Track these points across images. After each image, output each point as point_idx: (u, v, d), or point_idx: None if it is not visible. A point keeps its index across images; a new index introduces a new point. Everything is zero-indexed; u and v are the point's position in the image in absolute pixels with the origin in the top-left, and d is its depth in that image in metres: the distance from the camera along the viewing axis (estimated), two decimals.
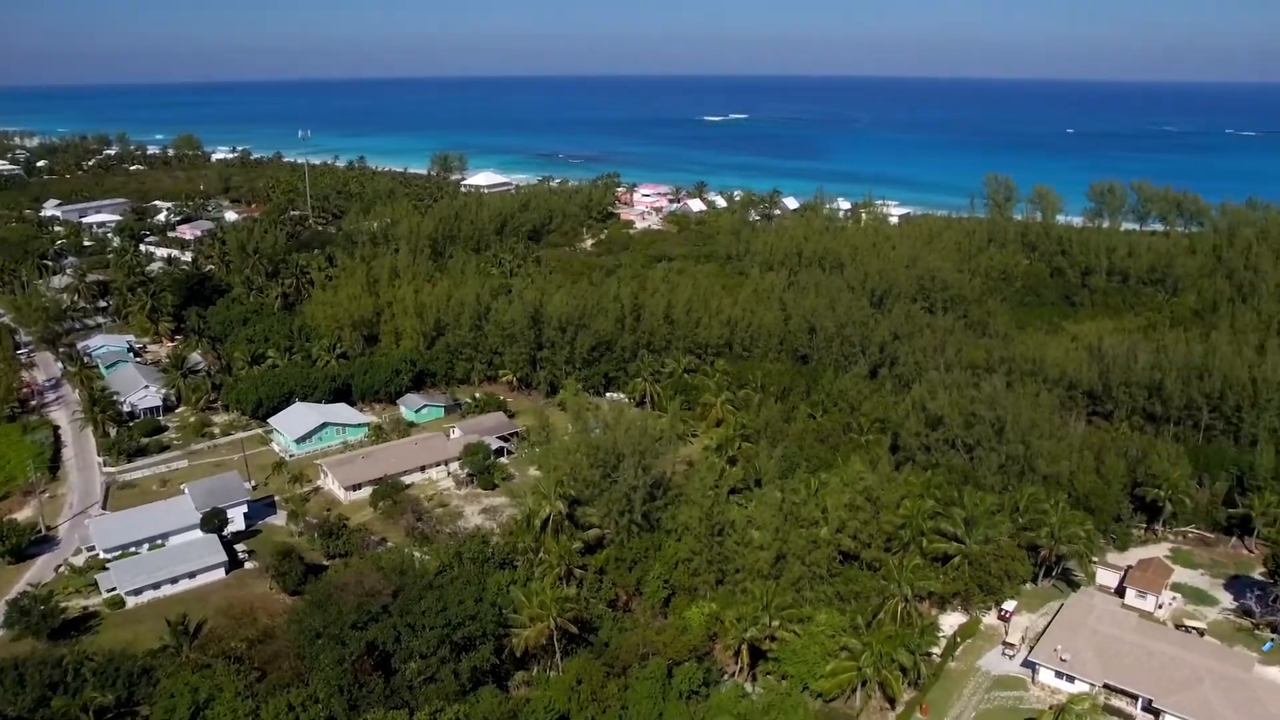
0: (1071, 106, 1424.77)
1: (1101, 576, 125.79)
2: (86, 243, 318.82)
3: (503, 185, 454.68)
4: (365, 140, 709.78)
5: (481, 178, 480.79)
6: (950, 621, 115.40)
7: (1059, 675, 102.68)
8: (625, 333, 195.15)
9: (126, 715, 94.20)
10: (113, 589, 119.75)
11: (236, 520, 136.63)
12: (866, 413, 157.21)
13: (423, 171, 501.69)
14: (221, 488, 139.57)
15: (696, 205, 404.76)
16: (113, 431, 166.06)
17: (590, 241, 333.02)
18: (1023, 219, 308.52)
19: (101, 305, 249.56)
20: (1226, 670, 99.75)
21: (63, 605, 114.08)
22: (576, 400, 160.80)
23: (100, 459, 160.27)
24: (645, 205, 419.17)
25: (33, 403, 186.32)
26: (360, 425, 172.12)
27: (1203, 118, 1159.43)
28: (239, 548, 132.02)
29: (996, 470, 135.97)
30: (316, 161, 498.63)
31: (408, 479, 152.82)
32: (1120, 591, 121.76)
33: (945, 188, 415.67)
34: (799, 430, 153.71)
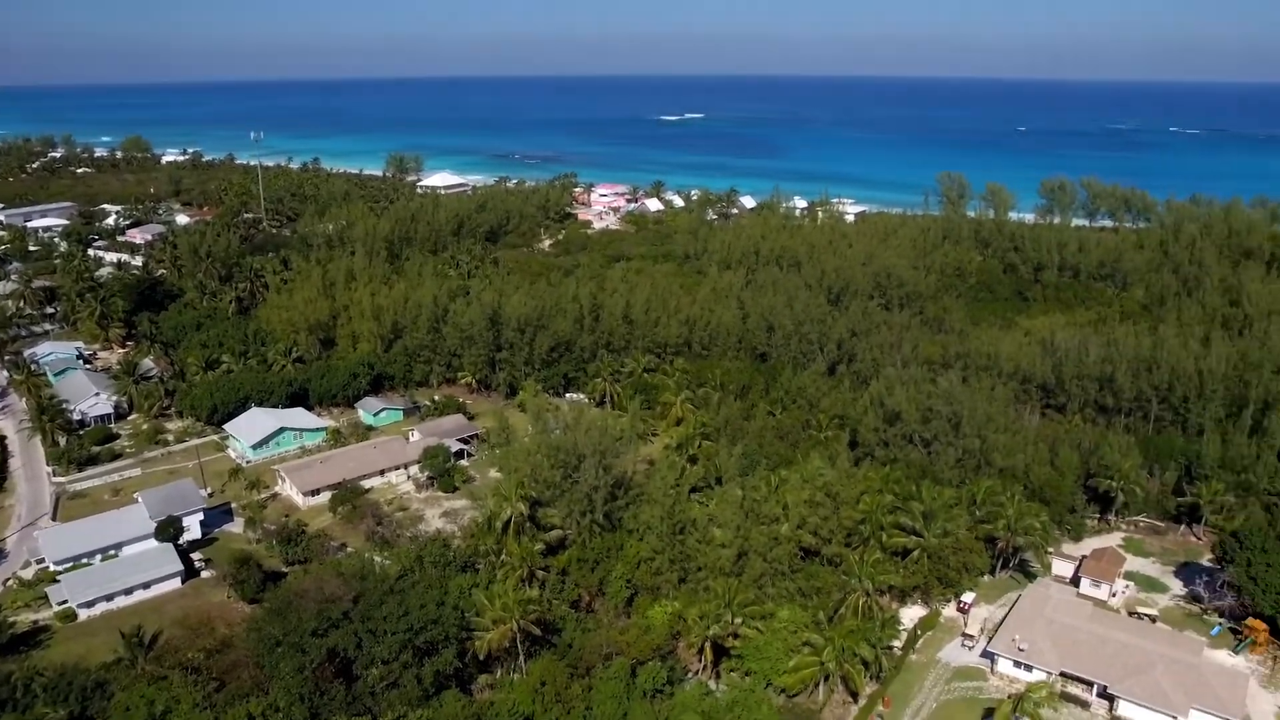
0: (1022, 105, 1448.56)
1: (1057, 567, 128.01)
2: (32, 247, 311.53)
3: (459, 186, 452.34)
4: (319, 142, 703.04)
5: (438, 179, 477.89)
6: (910, 614, 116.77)
7: (1017, 665, 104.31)
8: (584, 333, 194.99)
9: None
10: (64, 602, 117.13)
11: (192, 528, 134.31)
12: (825, 409, 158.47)
13: (378, 173, 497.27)
14: (176, 495, 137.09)
15: (654, 205, 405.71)
16: (62, 440, 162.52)
17: (548, 242, 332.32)
18: (976, 216, 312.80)
19: (49, 311, 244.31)
20: (1177, 655, 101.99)
21: (11, 620, 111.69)
22: (536, 401, 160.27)
23: (49, 469, 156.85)
24: (603, 205, 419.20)
25: None
26: (318, 430, 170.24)
27: (1148, 116, 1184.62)
28: (195, 556, 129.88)
29: (954, 464, 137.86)
30: (270, 163, 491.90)
31: (367, 483, 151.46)
32: (1075, 581, 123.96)
33: (900, 186, 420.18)
34: (759, 428, 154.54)
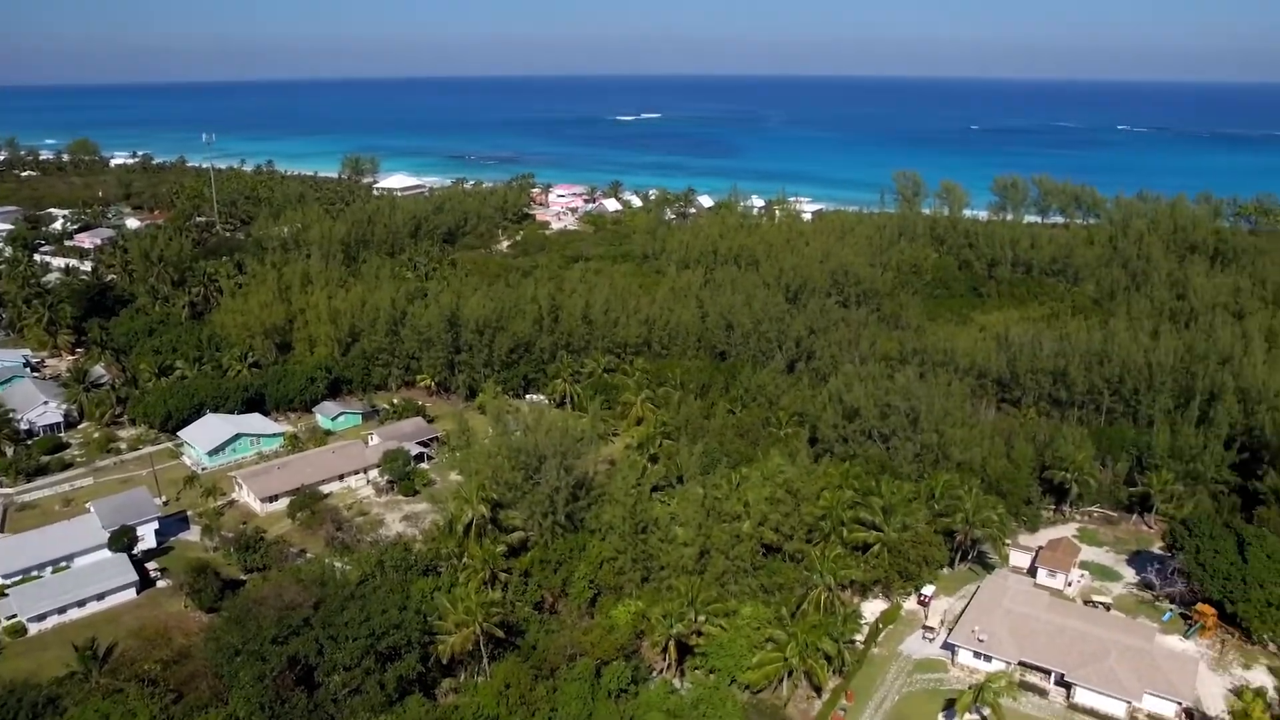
0: (975, 104, 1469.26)
1: (1014, 558, 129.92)
2: None
3: (416, 188, 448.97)
4: (273, 144, 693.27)
5: (394, 180, 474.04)
6: (872, 608, 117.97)
7: (977, 655, 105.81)
8: (544, 334, 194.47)
9: None
10: (13, 616, 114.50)
11: (147, 538, 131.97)
12: (785, 407, 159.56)
13: (334, 175, 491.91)
14: (130, 504, 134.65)
15: (612, 205, 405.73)
16: (9, 450, 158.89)
17: (506, 243, 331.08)
18: (931, 213, 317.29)
19: None
20: (1131, 641, 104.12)
21: None
22: (496, 403, 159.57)
23: None
24: (561, 206, 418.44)
25: None
26: (275, 435, 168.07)
27: (1096, 114, 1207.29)
28: (150, 566, 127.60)
29: (912, 459, 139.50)
30: (222, 166, 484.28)
31: (326, 488, 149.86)
32: (1032, 571, 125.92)
33: (856, 184, 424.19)
34: (719, 426, 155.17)
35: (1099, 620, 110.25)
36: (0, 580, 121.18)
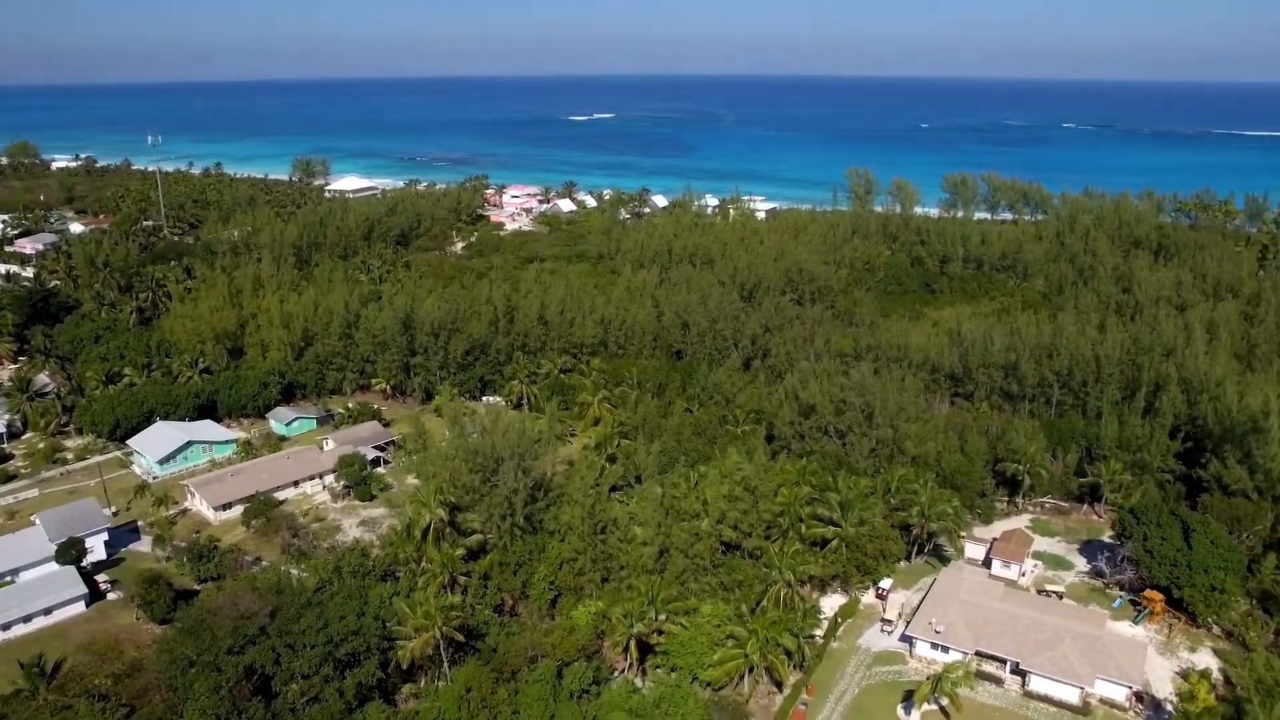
0: (924, 102, 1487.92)
1: (970, 550, 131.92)
2: None
3: (368, 190, 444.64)
4: (221, 146, 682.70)
5: (346, 182, 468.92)
6: (831, 603, 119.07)
7: (935, 647, 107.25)
8: (499, 335, 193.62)
9: None
10: None
11: (96, 549, 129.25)
12: (741, 404, 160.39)
13: (284, 177, 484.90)
14: (78, 516, 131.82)
15: (566, 205, 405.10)
16: None
17: (460, 244, 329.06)
18: (883, 211, 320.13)
19: None
20: (1083, 629, 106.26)
21: None
22: (452, 405, 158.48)
23: None
24: (515, 206, 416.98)
25: None
26: (228, 442, 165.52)
27: (1042, 112, 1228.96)
28: (100, 578, 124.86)
29: (868, 454, 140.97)
30: (170, 169, 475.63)
31: (281, 495, 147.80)
32: (987, 563, 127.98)
33: (809, 182, 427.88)
34: (676, 425, 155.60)
35: (1052, 609, 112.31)
36: None
